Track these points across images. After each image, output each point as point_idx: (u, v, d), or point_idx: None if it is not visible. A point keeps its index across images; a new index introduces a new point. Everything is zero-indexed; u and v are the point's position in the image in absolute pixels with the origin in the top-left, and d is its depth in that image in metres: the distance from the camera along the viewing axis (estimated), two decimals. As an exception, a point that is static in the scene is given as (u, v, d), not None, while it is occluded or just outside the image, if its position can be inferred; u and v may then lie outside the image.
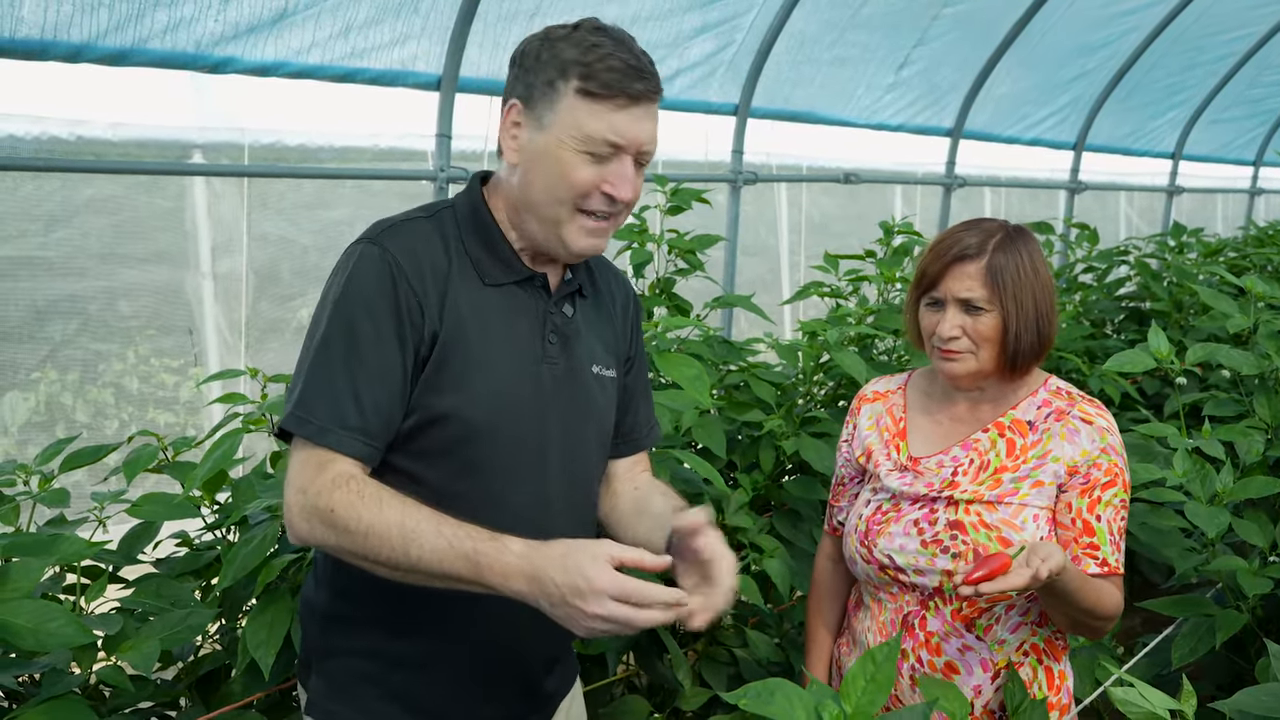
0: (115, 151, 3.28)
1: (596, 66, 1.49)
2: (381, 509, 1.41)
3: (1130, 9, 6.22)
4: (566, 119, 1.50)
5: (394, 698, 1.63)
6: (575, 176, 1.51)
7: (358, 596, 1.62)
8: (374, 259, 1.52)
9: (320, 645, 1.67)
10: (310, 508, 1.44)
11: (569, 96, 1.50)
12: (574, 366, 1.66)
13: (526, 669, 1.70)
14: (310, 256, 3.93)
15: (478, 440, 1.56)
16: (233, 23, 2.95)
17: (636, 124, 1.51)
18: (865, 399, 2.07)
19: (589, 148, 1.50)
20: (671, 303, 3.11)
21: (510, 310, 1.60)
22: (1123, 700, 1.43)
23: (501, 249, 1.61)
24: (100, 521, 2.17)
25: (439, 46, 3.48)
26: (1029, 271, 1.84)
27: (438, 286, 1.54)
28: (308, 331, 1.55)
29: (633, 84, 1.50)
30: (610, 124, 1.50)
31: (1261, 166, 9.48)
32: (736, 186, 4.73)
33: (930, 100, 5.81)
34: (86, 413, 3.49)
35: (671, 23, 4.14)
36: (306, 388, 1.49)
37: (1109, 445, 1.84)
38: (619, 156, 1.52)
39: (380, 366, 1.49)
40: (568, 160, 1.51)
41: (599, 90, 1.49)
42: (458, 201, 1.65)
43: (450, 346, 1.53)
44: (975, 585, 1.58)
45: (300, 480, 1.46)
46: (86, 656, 1.83)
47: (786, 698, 1.26)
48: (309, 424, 1.47)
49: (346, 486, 1.43)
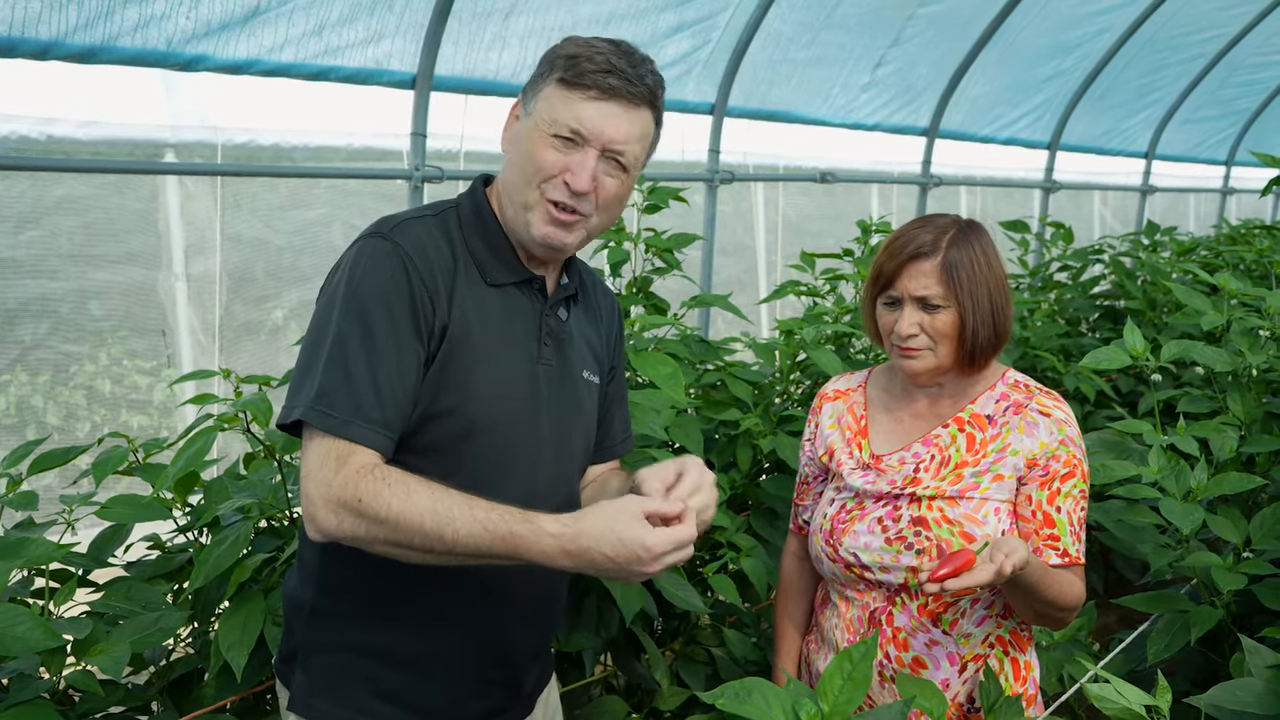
0: (86, 151, 3.24)
1: (581, 61, 1.55)
2: (410, 495, 1.42)
3: (1103, 9, 6.26)
4: (543, 105, 1.58)
5: (382, 693, 1.64)
6: (541, 158, 1.56)
7: (348, 592, 1.63)
8: (387, 254, 1.54)
9: (306, 641, 1.67)
10: (336, 500, 1.44)
11: (550, 84, 1.57)
12: (566, 369, 1.70)
13: (514, 663, 1.73)
14: (285, 257, 3.90)
15: (476, 437, 1.58)
16: (204, 20, 2.92)
17: (606, 118, 1.56)
18: (826, 398, 2.08)
19: (555, 131, 1.56)
20: (648, 302, 3.10)
21: (509, 310, 1.64)
22: (1098, 696, 1.43)
23: (503, 249, 1.64)
24: (69, 524, 2.15)
25: (414, 45, 3.46)
26: (983, 266, 1.85)
27: (446, 283, 1.56)
28: (312, 325, 1.56)
29: (608, 78, 1.55)
30: (576, 112, 1.55)
31: (1233, 166, 9.57)
32: (713, 186, 4.73)
33: (906, 100, 5.82)
34: (58, 415, 3.45)
35: (647, 21, 4.13)
36: (325, 381, 1.49)
37: (1067, 437, 1.86)
38: (583, 148, 1.56)
39: (398, 360, 1.51)
40: (537, 143, 1.57)
41: (573, 79, 1.55)
42: (461, 202, 1.68)
43: (456, 343, 1.56)
44: (941, 582, 1.59)
45: (322, 474, 1.46)
46: (55, 661, 1.81)
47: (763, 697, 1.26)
48: (330, 417, 1.47)
49: (372, 475, 1.44)
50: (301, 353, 1.56)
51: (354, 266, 1.55)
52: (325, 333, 1.52)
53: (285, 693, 1.70)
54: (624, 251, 3.03)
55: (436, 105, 3.57)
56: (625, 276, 3.13)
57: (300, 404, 1.50)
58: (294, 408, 1.50)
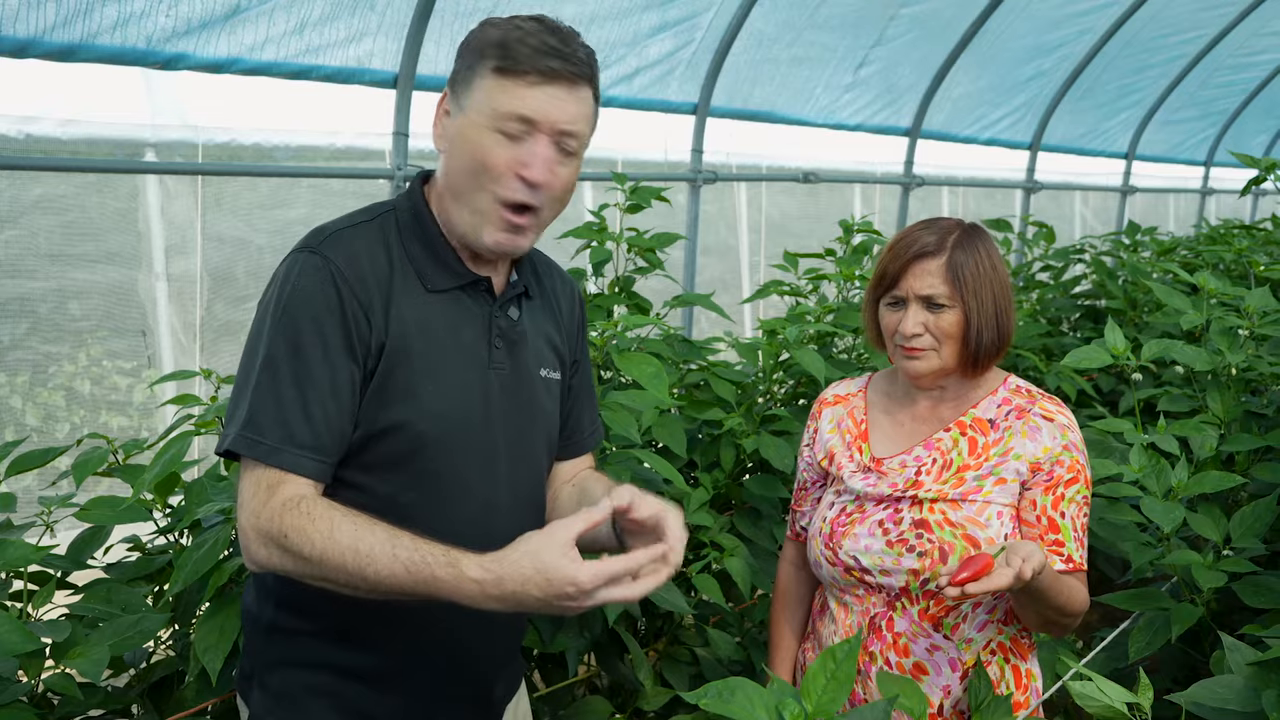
0: (65, 149, 3.22)
1: (514, 46, 1.46)
2: (333, 533, 1.36)
3: (1084, 10, 6.29)
4: (480, 97, 1.48)
5: (343, 709, 1.59)
6: (489, 157, 1.47)
7: (306, 610, 1.58)
8: (316, 269, 1.47)
9: (264, 658, 1.62)
10: (264, 533, 1.40)
11: (484, 75, 1.47)
12: (520, 371, 1.64)
13: (478, 676, 1.68)
14: (266, 257, 3.88)
15: (427, 451, 1.53)
16: (184, 18, 2.90)
17: (552, 102, 1.47)
18: (826, 402, 2.06)
19: (499, 124, 1.47)
20: (631, 301, 3.10)
21: (455, 317, 1.56)
22: (1081, 694, 1.44)
23: (443, 253, 1.57)
24: (48, 526, 2.13)
25: (395, 44, 3.45)
26: (988, 267, 1.85)
27: (382, 295, 1.49)
28: (246, 347, 1.50)
29: (547, 60, 1.46)
30: (520, 99, 1.46)
31: (1212, 167, 9.63)
32: (696, 186, 4.73)
33: (888, 100, 5.84)
34: (37, 416, 3.42)
35: (630, 21, 4.13)
36: (254, 406, 1.44)
37: (1070, 442, 1.85)
38: (533, 135, 1.48)
39: (330, 381, 1.45)
40: (481, 140, 1.47)
41: (510, 66, 1.46)
42: (399, 204, 1.60)
43: (396, 357, 1.49)
44: (962, 586, 1.57)
45: (253, 504, 1.42)
46: (34, 664, 1.79)
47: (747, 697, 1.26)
48: (260, 444, 1.42)
49: (297, 509, 1.39)
50: (237, 375, 1.50)
51: (284, 284, 1.48)
52: (255, 355, 1.47)
53: (245, 709, 1.66)
54: (606, 251, 3.02)
55: (419, 105, 3.56)
56: (608, 276, 3.12)
57: (231, 431, 1.45)
58: (226, 435, 1.45)
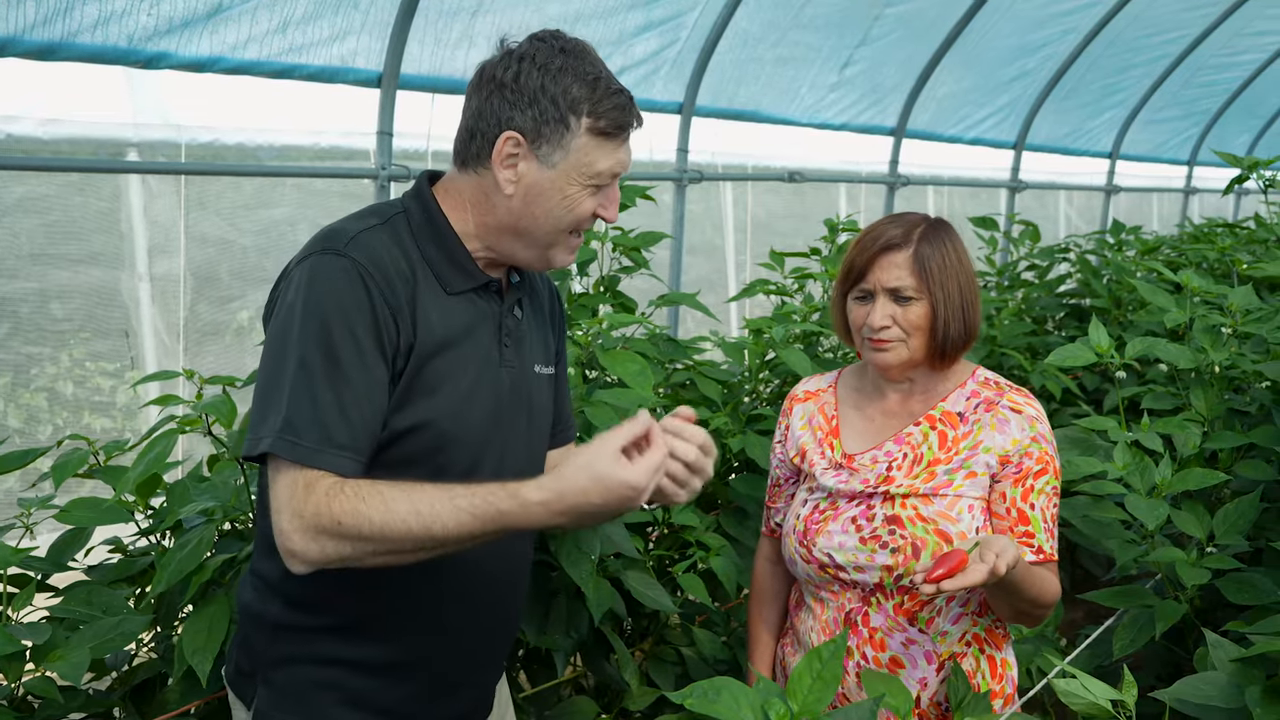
0: (47, 149, 3.20)
1: (604, 105, 1.54)
2: (388, 504, 1.39)
3: (1068, 10, 6.31)
4: (579, 159, 1.55)
5: (352, 703, 1.61)
6: (581, 209, 1.58)
7: (315, 605, 1.59)
8: (344, 271, 1.48)
9: (269, 655, 1.63)
10: (314, 527, 1.40)
11: (580, 135, 1.54)
12: (524, 369, 1.69)
13: (481, 665, 1.73)
14: (250, 257, 3.86)
15: (447, 448, 1.56)
16: (166, 17, 2.89)
17: (630, 153, 1.60)
18: (796, 399, 2.08)
19: (598, 182, 1.57)
20: (616, 301, 3.09)
21: (471, 318, 1.61)
22: (1065, 691, 1.44)
23: (459, 256, 1.60)
24: (28, 528, 2.11)
25: (379, 43, 3.44)
26: (954, 260, 1.87)
27: (408, 297, 1.52)
28: (268, 350, 1.50)
29: (632, 119, 1.57)
30: (617, 159, 1.58)
31: (1195, 166, 9.68)
32: (682, 185, 4.73)
33: (873, 100, 5.85)
34: (19, 418, 3.40)
35: (615, 20, 4.12)
36: (291, 409, 1.44)
37: (1039, 434, 1.86)
38: (613, 182, 1.60)
39: (365, 382, 1.47)
40: (575, 196, 1.57)
41: (611, 130, 1.55)
42: (409, 205, 1.61)
43: (423, 358, 1.53)
44: (938, 583, 1.57)
45: (293, 504, 1.42)
46: (14, 667, 1.78)
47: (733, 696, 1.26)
48: (299, 446, 1.43)
49: (342, 494, 1.40)
50: (260, 381, 1.50)
51: (310, 286, 1.48)
52: (285, 358, 1.46)
53: (241, 707, 1.66)
54: (591, 250, 3.02)
55: (403, 104, 3.54)
56: (593, 275, 3.12)
57: (267, 434, 1.44)
58: (260, 439, 1.45)
